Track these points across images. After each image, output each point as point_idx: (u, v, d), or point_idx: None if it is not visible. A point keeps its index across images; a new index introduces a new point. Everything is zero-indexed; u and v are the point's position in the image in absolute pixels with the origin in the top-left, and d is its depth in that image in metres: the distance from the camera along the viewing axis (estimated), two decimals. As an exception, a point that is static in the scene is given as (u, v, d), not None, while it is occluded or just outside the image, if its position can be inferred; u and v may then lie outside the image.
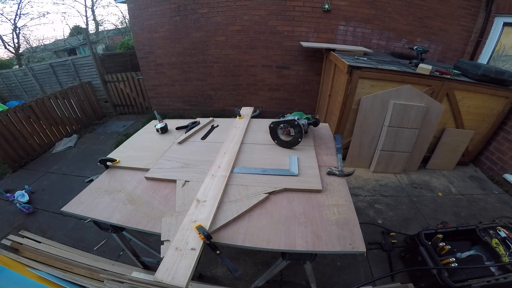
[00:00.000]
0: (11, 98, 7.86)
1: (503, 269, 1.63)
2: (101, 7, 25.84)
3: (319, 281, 1.92)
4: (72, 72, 6.28)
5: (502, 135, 3.18)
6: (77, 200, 1.29)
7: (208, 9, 4.12)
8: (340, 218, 1.10)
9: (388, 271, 2.06)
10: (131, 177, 1.44)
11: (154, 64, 4.90)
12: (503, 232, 1.82)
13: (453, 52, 4.08)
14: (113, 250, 2.32)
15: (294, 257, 1.10)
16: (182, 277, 0.85)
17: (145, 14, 4.43)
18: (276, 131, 1.62)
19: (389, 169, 3.28)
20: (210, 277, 2.03)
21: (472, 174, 3.39)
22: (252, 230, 1.05)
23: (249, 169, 1.41)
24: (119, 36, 14.06)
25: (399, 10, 3.81)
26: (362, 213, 2.67)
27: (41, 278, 1.63)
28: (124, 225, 1.15)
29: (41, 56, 13.10)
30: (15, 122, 3.96)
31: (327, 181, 1.32)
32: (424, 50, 3.06)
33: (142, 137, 1.93)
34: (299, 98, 4.68)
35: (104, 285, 1.68)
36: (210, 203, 1.15)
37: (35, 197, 3.18)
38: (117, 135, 4.92)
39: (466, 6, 3.74)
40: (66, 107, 5.00)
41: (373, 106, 2.89)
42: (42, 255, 2.10)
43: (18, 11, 11.60)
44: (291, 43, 4.15)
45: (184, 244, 0.96)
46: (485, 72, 2.73)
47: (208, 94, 4.98)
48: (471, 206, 2.79)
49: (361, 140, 3.14)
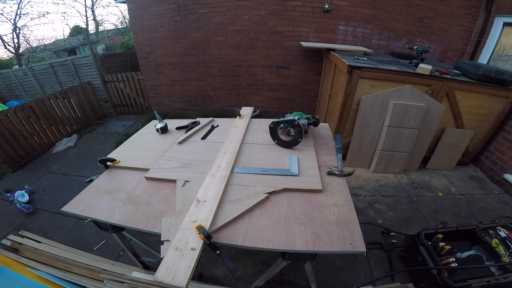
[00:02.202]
0: (11, 98, 7.88)
1: (503, 269, 1.63)
2: (101, 7, 25.86)
3: (319, 281, 1.92)
4: (72, 72, 6.29)
5: (502, 135, 3.18)
6: (77, 200, 1.29)
7: (208, 9, 4.12)
8: (340, 218, 1.10)
9: (388, 271, 2.06)
10: (131, 177, 1.44)
11: (154, 64, 4.90)
12: (503, 232, 1.82)
13: (453, 52, 4.08)
14: (113, 250, 2.32)
15: (294, 257, 1.10)
16: (182, 277, 0.85)
17: (145, 14, 4.43)
18: (276, 131, 1.62)
19: (389, 169, 3.28)
20: (210, 277, 2.03)
21: (472, 174, 3.39)
22: (252, 230, 1.05)
23: (249, 169, 1.41)
24: (119, 36, 14.08)
25: (399, 10, 3.81)
26: (362, 213, 2.67)
27: (41, 278, 1.63)
28: (124, 225, 1.15)
29: (41, 56, 13.12)
30: (15, 122, 3.96)
31: (327, 181, 1.32)
32: (424, 50, 3.06)
33: (142, 137, 1.93)
34: (299, 98, 4.68)
35: (104, 285, 1.68)
36: (210, 203, 1.15)
37: (35, 197, 3.18)
38: (117, 135, 4.92)
39: (466, 6, 3.74)
40: (66, 107, 5.00)
41: (373, 106, 2.89)
42: (42, 255, 2.10)
43: (18, 11, 11.64)
44: (291, 43, 4.15)
45: (184, 244, 0.96)
46: (485, 72, 2.73)
47: (208, 94, 4.98)
48: (471, 206, 2.79)
49: (361, 140, 3.14)
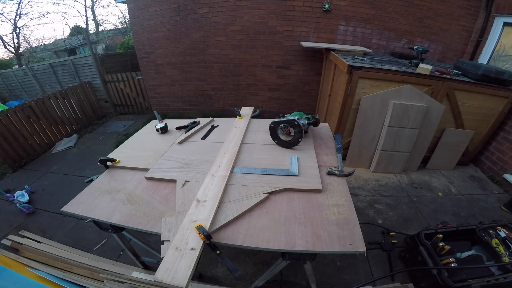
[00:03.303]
0: (11, 98, 7.87)
1: (503, 269, 1.63)
2: (101, 7, 25.85)
3: (319, 281, 1.92)
4: (72, 72, 6.29)
5: (502, 135, 3.18)
6: (77, 200, 1.29)
7: (208, 9, 4.12)
8: (340, 218, 1.10)
9: (388, 271, 2.06)
10: (131, 177, 1.44)
11: (154, 64, 4.89)
12: (503, 232, 1.82)
13: (453, 52, 4.08)
14: (113, 250, 2.32)
15: (294, 257, 1.10)
16: (182, 277, 0.85)
17: (145, 14, 4.43)
18: (276, 131, 1.62)
19: (389, 169, 3.28)
20: (210, 277, 2.03)
21: (472, 174, 3.39)
22: (252, 230, 1.05)
23: (249, 169, 1.41)
24: (119, 36, 14.08)
25: (399, 10, 3.81)
26: (362, 213, 2.67)
27: (41, 278, 1.63)
28: (124, 225, 1.15)
29: (41, 56, 13.12)
30: (15, 122, 3.96)
31: (327, 181, 1.32)
32: (424, 50, 3.06)
33: (142, 137, 1.93)
34: (299, 98, 4.68)
35: (104, 285, 1.68)
36: (210, 203, 1.15)
37: (35, 197, 3.18)
38: (117, 135, 4.92)
39: (466, 6, 3.74)
40: (66, 107, 5.00)
41: (373, 106, 2.89)
42: (42, 255, 2.10)
43: (18, 11, 11.63)
44: (291, 43, 4.15)
45: (184, 244, 0.96)
46: (485, 72, 2.73)
47: (208, 94, 4.98)
48: (471, 206, 2.79)
49: (361, 140, 3.14)
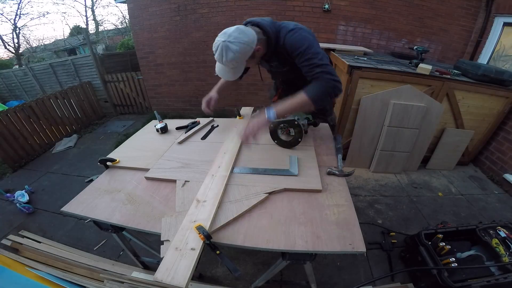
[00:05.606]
0: (11, 98, 7.87)
1: (503, 269, 1.63)
2: (101, 7, 25.93)
3: (319, 281, 1.92)
4: (72, 72, 6.28)
5: (502, 135, 3.18)
6: (77, 200, 1.29)
7: (208, 9, 4.12)
8: (340, 218, 1.09)
9: (388, 271, 2.06)
10: (131, 177, 1.44)
11: (154, 64, 4.90)
12: (503, 232, 1.82)
13: (453, 52, 4.08)
14: (113, 250, 2.31)
15: (294, 257, 1.10)
16: (182, 277, 0.85)
17: (145, 14, 4.43)
18: (276, 131, 1.62)
19: (389, 169, 3.28)
20: (210, 277, 2.03)
21: (472, 174, 3.39)
22: (252, 230, 1.05)
23: (249, 169, 1.41)
24: (119, 36, 14.08)
25: (399, 10, 3.81)
26: (362, 213, 2.67)
27: (41, 278, 1.63)
28: (124, 225, 1.14)
29: (41, 56, 13.13)
30: (15, 122, 3.96)
31: (327, 181, 1.32)
32: (424, 50, 3.06)
33: (142, 137, 1.93)
34: (299, 98, 4.67)
35: (104, 285, 1.67)
36: (210, 203, 1.15)
37: (35, 197, 3.18)
38: (117, 135, 4.91)
39: (466, 6, 3.74)
40: (66, 107, 5.00)
41: (373, 106, 2.89)
42: (42, 255, 2.10)
43: (18, 11, 11.64)
44: (291, 43, 4.14)
45: (184, 244, 0.96)
46: (485, 72, 2.72)
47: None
48: (471, 206, 2.79)
49: (361, 140, 3.14)
